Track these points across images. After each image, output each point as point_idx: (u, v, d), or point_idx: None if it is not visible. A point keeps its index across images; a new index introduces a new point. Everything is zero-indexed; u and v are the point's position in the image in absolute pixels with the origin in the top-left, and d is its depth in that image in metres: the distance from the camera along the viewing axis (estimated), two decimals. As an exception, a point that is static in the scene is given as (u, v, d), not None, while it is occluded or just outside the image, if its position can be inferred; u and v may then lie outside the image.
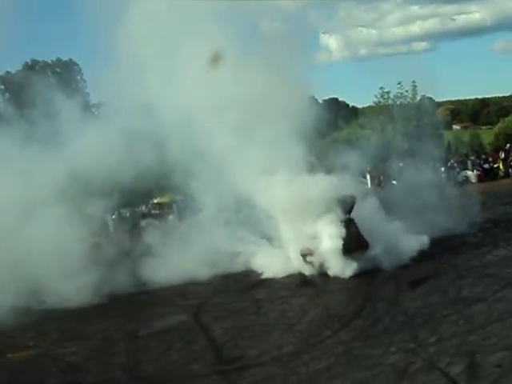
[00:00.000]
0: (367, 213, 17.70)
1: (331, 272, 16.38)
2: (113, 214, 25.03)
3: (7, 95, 37.85)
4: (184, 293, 16.26)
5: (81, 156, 18.39)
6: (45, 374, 11.48)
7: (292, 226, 17.37)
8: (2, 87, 39.28)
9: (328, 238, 16.65)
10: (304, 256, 16.85)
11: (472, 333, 10.75)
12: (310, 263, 16.74)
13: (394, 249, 16.72)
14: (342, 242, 16.45)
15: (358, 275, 15.90)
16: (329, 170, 18.08)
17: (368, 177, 28.82)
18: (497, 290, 13.17)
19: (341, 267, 16.24)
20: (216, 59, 17.83)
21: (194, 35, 18.23)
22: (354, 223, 16.94)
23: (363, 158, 20.29)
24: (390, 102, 38.24)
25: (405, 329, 11.45)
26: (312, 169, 17.97)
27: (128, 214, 26.28)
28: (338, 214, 16.86)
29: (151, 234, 20.51)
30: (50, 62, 35.22)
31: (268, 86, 17.76)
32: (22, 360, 12.42)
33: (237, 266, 18.00)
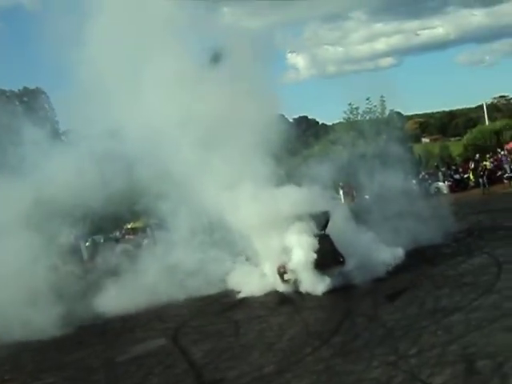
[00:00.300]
0: (341, 227, 17.71)
1: (303, 288, 16.30)
2: (86, 241, 24.81)
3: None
4: (161, 316, 16.11)
5: (49, 182, 18.17)
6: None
7: (264, 243, 17.31)
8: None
9: (299, 253, 16.59)
10: (281, 274, 16.79)
11: (452, 343, 10.77)
12: (287, 281, 16.67)
13: (369, 262, 16.76)
14: (315, 257, 16.40)
15: (335, 291, 15.85)
16: (300, 186, 18.08)
17: (341, 192, 28.92)
18: (474, 299, 13.22)
19: (313, 283, 16.18)
20: (217, 60, 17.90)
21: (157, 53, 18.19)
22: (329, 239, 16.94)
23: (335, 173, 20.39)
24: (359, 117, 38.53)
25: (385, 342, 11.43)
26: (281, 183, 17.95)
27: (102, 240, 26.02)
28: (310, 229, 16.84)
29: (126, 260, 20.37)
30: (16, 91, 35.00)
31: (234, 101, 17.76)
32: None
33: (213, 288, 17.83)
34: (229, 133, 17.66)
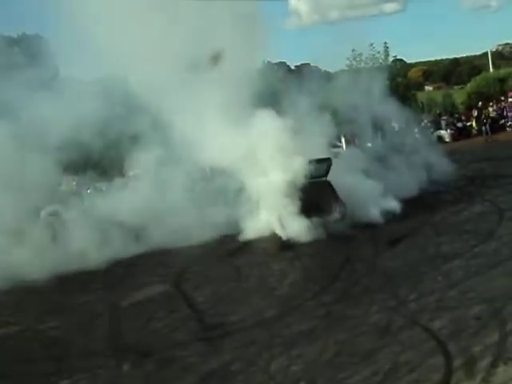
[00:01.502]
0: (341, 173, 17.75)
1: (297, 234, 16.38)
2: (88, 189, 24.76)
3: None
4: (163, 262, 16.19)
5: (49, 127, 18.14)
6: (28, 349, 11.40)
7: (261, 186, 17.35)
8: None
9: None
10: (280, 220, 16.86)
11: (451, 288, 10.88)
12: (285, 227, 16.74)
13: (369, 209, 16.83)
14: (312, 204, 16.48)
15: (336, 238, 15.92)
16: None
17: (343, 139, 28.78)
18: (474, 246, 13.33)
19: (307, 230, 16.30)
20: (216, 60, 17.70)
21: None
22: (330, 185, 17.01)
23: (337, 121, 20.29)
24: (362, 64, 38.08)
25: (385, 288, 11.54)
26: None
27: (104, 188, 25.94)
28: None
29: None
30: (15, 36, 34.48)
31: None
32: (4, 337, 12.31)
33: (213, 233, 17.88)
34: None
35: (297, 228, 16.41)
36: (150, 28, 17.74)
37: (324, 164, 17.26)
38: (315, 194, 16.82)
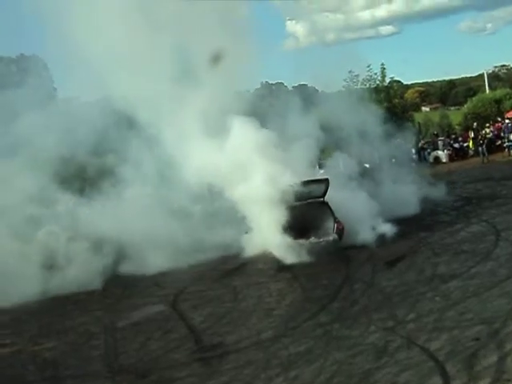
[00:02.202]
0: (338, 194, 17.80)
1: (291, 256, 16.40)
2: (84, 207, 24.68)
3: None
4: (159, 283, 16.13)
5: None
6: (23, 371, 11.32)
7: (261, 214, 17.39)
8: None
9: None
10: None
11: (449, 309, 10.88)
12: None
13: (367, 230, 16.86)
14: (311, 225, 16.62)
15: (335, 257, 15.91)
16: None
17: (340, 160, 28.77)
18: (472, 266, 13.34)
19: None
20: (216, 60, 17.82)
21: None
22: (328, 206, 17.07)
23: (335, 140, 20.37)
24: (359, 85, 38.17)
25: (383, 308, 11.54)
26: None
27: (99, 207, 25.84)
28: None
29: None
30: (14, 57, 34.60)
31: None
32: (-1, 358, 12.25)
33: (211, 255, 17.85)
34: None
35: (291, 248, 16.42)
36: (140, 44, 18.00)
37: (321, 184, 17.30)
38: (312, 215, 16.87)
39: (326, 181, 17.39)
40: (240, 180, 17.33)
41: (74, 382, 10.43)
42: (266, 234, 17.16)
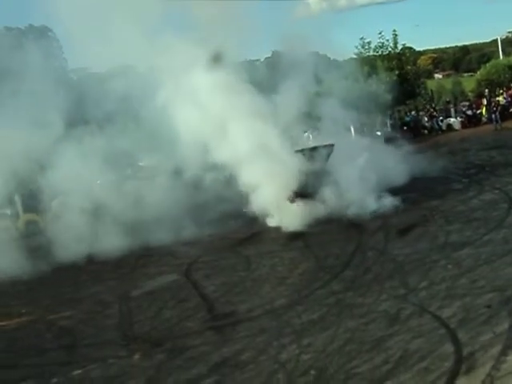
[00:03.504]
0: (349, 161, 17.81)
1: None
2: (98, 180, 24.78)
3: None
4: (173, 252, 16.23)
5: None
6: (40, 339, 11.51)
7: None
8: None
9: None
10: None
11: (461, 276, 10.91)
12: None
13: (378, 197, 16.88)
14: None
15: (347, 226, 15.93)
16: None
17: (352, 128, 28.65)
18: (484, 234, 13.32)
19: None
20: (216, 59, 17.72)
21: None
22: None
23: (347, 108, 20.26)
24: (371, 52, 37.78)
25: (395, 276, 11.59)
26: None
27: (114, 178, 25.93)
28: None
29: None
30: (23, 28, 34.48)
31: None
32: (16, 327, 12.43)
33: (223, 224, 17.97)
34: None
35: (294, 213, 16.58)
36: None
37: (324, 150, 17.43)
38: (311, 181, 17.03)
39: (330, 146, 17.47)
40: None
41: (90, 350, 10.57)
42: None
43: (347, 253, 13.71)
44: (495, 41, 65.91)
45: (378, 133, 30.14)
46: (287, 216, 16.77)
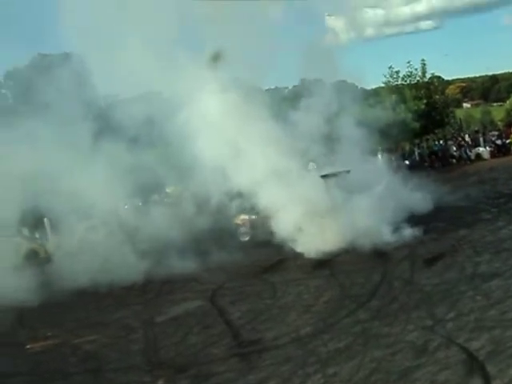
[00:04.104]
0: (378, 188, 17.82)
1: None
2: (125, 204, 25.00)
3: (16, 90, 37.95)
4: (198, 278, 16.24)
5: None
6: (65, 363, 11.55)
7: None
8: (11, 83, 39.33)
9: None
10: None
11: (490, 308, 10.74)
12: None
13: (406, 226, 16.78)
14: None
15: (374, 254, 15.81)
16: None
17: (379, 155, 28.61)
18: (513, 265, 13.13)
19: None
20: (216, 59, 17.89)
21: None
22: None
23: (375, 137, 20.27)
24: (399, 81, 37.79)
25: (422, 306, 11.44)
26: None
27: (140, 204, 26.14)
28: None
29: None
30: (56, 55, 35.07)
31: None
32: (42, 350, 12.48)
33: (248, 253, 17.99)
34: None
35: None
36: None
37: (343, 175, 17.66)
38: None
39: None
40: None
41: (115, 375, 10.59)
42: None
43: (373, 282, 13.59)
44: (525, 70, 65.54)
45: (407, 162, 30.06)
46: (311, 242, 16.68)
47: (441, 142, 36.23)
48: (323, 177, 17.81)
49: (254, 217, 20.35)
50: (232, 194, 20.59)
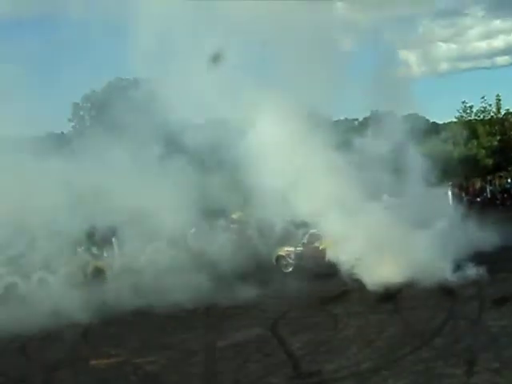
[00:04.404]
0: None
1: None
2: (192, 228, 25.30)
3: (93, 113, 39.17)
4: (260, 306, 16.25)
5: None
6: (126, 382, 11.74)
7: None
8: (89, 105, 40.61)
9: None
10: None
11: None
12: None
13: (475, 264, 16.39)
14: None
15: (440, 291, 15.47)
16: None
17: (449, 192, 28.13)
18: None
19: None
20: (216, 59, 18.01)
21: None
22: None
23: (445, 172, 20.00)
24: (472, 116, 37.18)
25: (489, 348, 11.08)
26: None
27: (207, 228, 26.40)
28: None
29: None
30: (129, 79, 36.02)
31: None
32: (104, 368, 12.70)
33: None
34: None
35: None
36: None
37: None
38: None
39: None
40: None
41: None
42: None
43: (438, 320, 13.27)
44: None
45: (478, 199, 29.46)
46: (374, 275, 16.48)
47: (513, 179, 35.38)
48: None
49: (299, 249, 20.52)
50: (297, 223, 20.63)
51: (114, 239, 22.59)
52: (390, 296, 15.66)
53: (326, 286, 17.58)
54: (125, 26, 19.63)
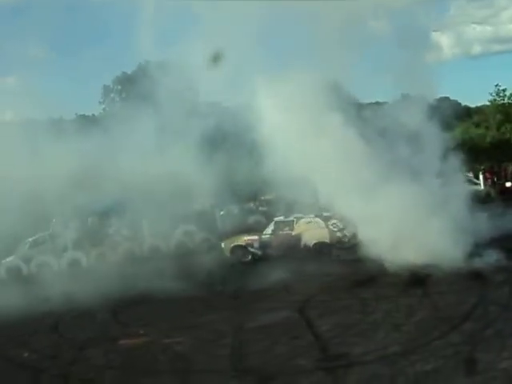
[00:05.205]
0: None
1: None
2: (221, 210, 25.41)
3: (123, 94, 39.49)
4: (289, 288, 16.29)
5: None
6: (154, 361, 11.84)
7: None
8: (119, 87, 40.93)
9: None
10: None
11: None
12: None
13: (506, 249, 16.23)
14: None
15: (470, 276, 15.34)
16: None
17: (481, 177, 27.79)
18: None
19: None
20: (216, 59, 17.95)
21: None
22: None
23: (477, 157, 19.75)
24: (505, 100, 36.54)
25: (518, 333, 10.99)
26: None
27: (236, 211, 26.48)
28: None
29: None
30: (159, 62, 36.19)
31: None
32: (133, 347, 12.86)
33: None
34: None
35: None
36: None
37: None
38: None
39: None
40: None
41: (201, 377, 10.77)
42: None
43: (468, 304, 13.16)
44: None
45: (508, 184, 29.01)
46: (406, 258, 16.39)
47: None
48: None
49: (266, 236, 20.66)
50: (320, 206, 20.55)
51: (143, 221, 22.80)
52: (419, 280, 15.56)
53: (356, 269, 17.50)
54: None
